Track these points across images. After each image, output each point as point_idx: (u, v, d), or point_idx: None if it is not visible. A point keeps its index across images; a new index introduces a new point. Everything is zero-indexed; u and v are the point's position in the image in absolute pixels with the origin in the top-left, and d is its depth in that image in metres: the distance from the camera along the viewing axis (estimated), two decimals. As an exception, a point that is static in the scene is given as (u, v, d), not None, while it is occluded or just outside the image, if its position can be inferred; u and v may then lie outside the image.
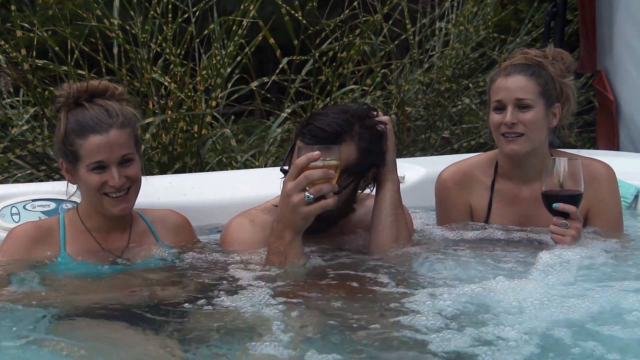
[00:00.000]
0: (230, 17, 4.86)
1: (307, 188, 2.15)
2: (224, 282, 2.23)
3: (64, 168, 2.39)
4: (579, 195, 2.42)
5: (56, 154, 2.41)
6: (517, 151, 2.63)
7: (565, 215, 2.42)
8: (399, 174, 3.38)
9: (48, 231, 2.44)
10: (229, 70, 4.89)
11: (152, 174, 4.30)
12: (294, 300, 2.05)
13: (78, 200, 2.51)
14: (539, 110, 2.61)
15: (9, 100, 5.21)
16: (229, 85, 5.27)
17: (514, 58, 2.68)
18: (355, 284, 2.20)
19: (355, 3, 5.51)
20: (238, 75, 5.33)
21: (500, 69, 2.67)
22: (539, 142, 2.65)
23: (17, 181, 4.52)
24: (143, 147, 4.34)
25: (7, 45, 4.46)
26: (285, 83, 5.27)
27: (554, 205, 2.41)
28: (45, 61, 4.66)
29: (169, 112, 4.70)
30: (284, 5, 4.97)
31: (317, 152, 2.14)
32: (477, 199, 2.80)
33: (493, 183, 2.79)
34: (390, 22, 5.95)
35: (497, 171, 2.79)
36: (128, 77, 4.81)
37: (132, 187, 2.36)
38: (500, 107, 2.64)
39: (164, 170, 4.56)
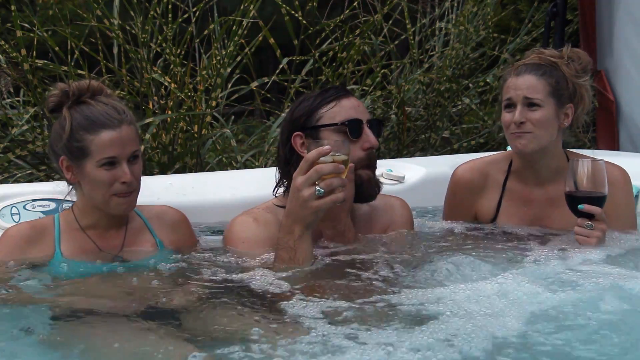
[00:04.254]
0: (230, 17, 4.86)
1: (317, 182, 2.16)
2: (227, 281, 2.22)
3: (64, 166, 2.34)
4: (603, 197, 2.42)
5: (55, 151, 2.36)
6: (525, 147, 2.61)
7: (589, 216, 2.42)
8: (399, 174, 3.42)
9: (42, 231, 2.41)
10: (229, 70, 4.89)
11: (152, 174, 4.31)
12: (300, 301, 2.04)
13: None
14: (548, 110, 2.60)
15: (9, 100, 5.21)
16: (229, 85, 5.27)
17: (528, 57, 2.67)
18: (361, 284, 2.20)
19: (355, 3, 5.51)
20: (238, 75, 5.33)
21: (512, 68, 2.67)
22: (548, 141, 2.63)
23: (17, 181, 4.52)
24: (143, 147, 4.35)
25: (7, 45, 4.47)
26: (285, 83, 5.27)
27: (580, 206, 2.41)
28: (45, 61, 4.67)
29: (169, 112, 4.71)
30: (284, 5, 4.97)
31: (327, 147, 2.15)
32: (487, 198, 2.79)
33: (505, 181, 2.78)
34: (390, 22, 5.95)
35: (511, 169, 2.78)
36: (128, 77, 4.81)
37: (137, 186, 2.35)
38: (510, 105, 2.63)
39: (164, 170, 4.56)
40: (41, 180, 4.47)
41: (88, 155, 2.29)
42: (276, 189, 2.52)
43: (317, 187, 2.15)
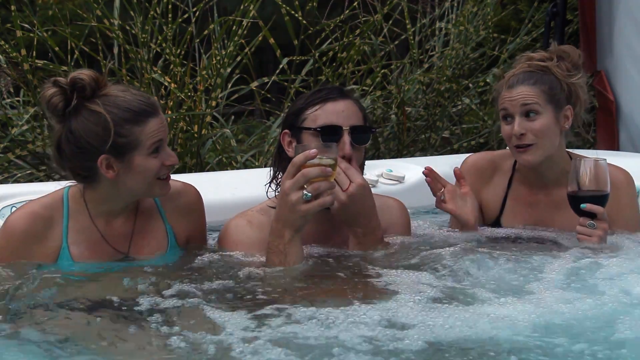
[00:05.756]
0: (230, 17, 4.86)
1: (305, 186, 2.16)
2: (221, 284, 2.21)
3: (103, 165, 2.21)
4: (605, 196, 2.42)
5: (92, 152, 2.19)
6: (531, 161, 2.59)
7: (592, 215, 2.42)
8: (399, 174, 3.42)
9: (49, 223, 2.31)
10: (229, 70, 4.90)
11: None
12: (289, 304, 2.03)
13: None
14: (547, 117, 2.57)
15: (9, 100, 5.21)
16: (229, 85, 5.27)
17: (517, 66, 2.63)
18: (352, 286, 2.19)
19: (355, 3, 5.51)
20: (238, 75, 5.33)
21: (503, 80, 2.63)
22: (552, 148, 2.60)
23: (17, 181, 4.52)
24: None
25: (7, 45, 4.47)
26: (285, 83, 5.27)
27: (582, 205, 2.41)
28: (45, 61, 4.67)
29: (169, 112, 4.71)
30: (284, 5, 4.97)
31: (314, 150, 2.16)
32: (493, 191, 2.78)
33: (510, 181, 2.77)
34: (390, 22, 5.95)
35: (515, 168, 2.76)
36: (128, 77, 4.81)
37: None
38: (507, 117, 2.60)
39: (164, 170, 4.55)
40: (41, 180, 4.47)
41: (137, 146, 2.21)
42: (268, 185, 2.52)
43: (305, 192, 2.15)
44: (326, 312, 1.93)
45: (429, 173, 2.64)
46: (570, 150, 2.78)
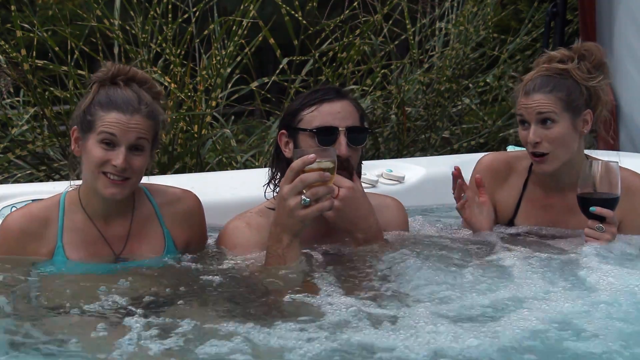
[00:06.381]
0: (230, 17, 4.86)
1: (304, 191, 2.15)
2: (219, 285, 2.22)
3: (73, 136, 2.33)
4: (615, 199, 2.39)
5: (72, 119, 2.37)
6: (548, 171, 2.56)
7: (601, 219, 2.40)
8: (399, 174, 3.43)
9: (45, 223, 2.35)
10: (229, 70, 4.90)
11: (152, 174, 4.29)
12: (287, 305, 2.04)
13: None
14: (564, 125, 2.52)
15: (9, 100, 5.21)
16: (229, 86, 5.28)
17: (536, 69, 2.58)
18: (355, 286, 2.19)
19: (355, 3, 5.51)
20: (238, 76, 5.33)
21: (521, 84, 2.58)
22: (569, 154, 2.56)
23: (17, 181, 4.52)
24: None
25: (7, 45, 4.47)
26: (285, 83, 5.27)
27: (591, 208, 2.39)
28: (45, 61, 4.67)
29: (169, 112, 4.71)
30: (284, 6, 4.98)
31: (312, 155, 2.15)
32: (507, 193, 2.75)
33: (526, 183, 2.74)
34: (390, 22, 5.95)
35: (531, 170, 2.72)
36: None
37: (131, 178, 2.28)
38: (525, 122, 2.56)
39: (164, 170, 4.56)
40: (41, 180, 4.48)
41: (93, 129, 2.27)
42: (267, 185, 2.51)
43: (303, 197, 2.14)
44: (328, 314, 1.93)
45: (458, 174, 2.61)
46: (588, 151, 2.71)
